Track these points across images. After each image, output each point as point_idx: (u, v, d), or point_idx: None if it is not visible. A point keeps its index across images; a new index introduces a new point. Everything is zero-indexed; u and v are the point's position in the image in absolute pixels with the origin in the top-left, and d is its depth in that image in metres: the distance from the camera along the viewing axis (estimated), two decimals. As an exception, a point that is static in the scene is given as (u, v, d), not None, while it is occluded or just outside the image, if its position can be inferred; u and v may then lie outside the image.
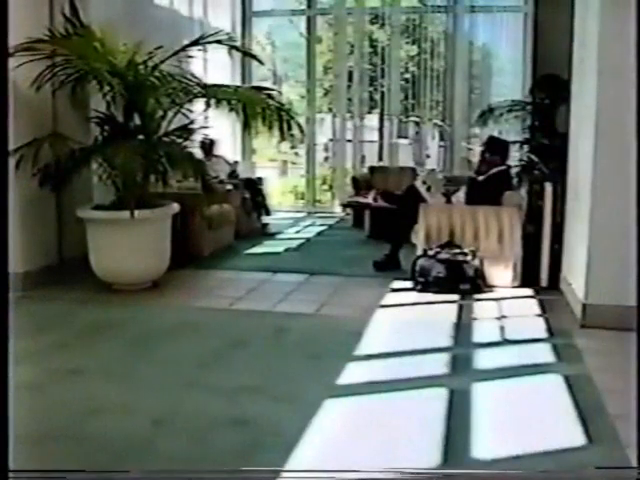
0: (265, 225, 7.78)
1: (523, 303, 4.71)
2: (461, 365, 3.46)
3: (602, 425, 2.73)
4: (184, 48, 5.39)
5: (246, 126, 5.28)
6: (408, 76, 10.04)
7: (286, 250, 6.73)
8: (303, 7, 9.81)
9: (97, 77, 4.92)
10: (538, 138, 7.06)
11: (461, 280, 4.87)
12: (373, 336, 3.92)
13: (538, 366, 3.43)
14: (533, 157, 6.79)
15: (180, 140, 5.25)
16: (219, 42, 5.41)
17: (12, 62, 4.13)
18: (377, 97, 10.40)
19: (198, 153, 6.80)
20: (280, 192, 10.40)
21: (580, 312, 4.09)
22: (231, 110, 5.17)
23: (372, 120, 10.53)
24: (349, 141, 9.70)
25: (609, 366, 3.30)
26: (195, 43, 5.37)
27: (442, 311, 4.48)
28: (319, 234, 7.82)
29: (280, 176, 11.44)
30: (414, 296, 4.83)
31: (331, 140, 10.13)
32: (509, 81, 9.37)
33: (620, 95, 3.67)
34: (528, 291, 4.94)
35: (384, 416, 2.85)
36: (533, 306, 4.63)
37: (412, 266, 5.03)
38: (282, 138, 5.42)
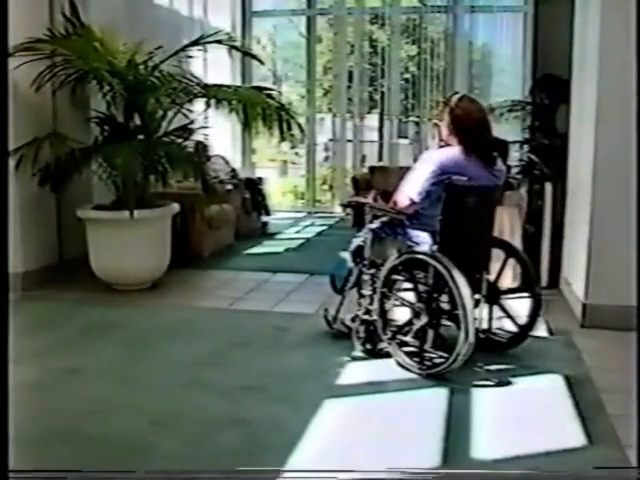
0: (265, 225, 7.78)
1: (523, 303, 4.69)
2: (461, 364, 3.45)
3: (602, 425, 2.72)
4: (184, 48, 5.39)
5: (246, 126, 5.28)
6: (408, 76, 10.04)
7: (286, 250, 6.73)
8: (303, 7, 9.81)
9: (97, 77, 4.92)
10: (538, 138, 7.04)
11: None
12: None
13: (538, 366, 3.42)
14: (533, 157, 6.78)
15: (180, 140, 5.26)
16: (219, 42, 5.42)
17: (12, 62, 4.13)
18: (377, 97, 10.40)
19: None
20: (280, 192, 10.39)
21: (580, 312, 4.09)
22: (231, 110, 5.17)
23: (372, 120, 10.53)
24: (349, 141, 9.70)
25: (609, 366, 3.30)
26: (195, 43, 5.37)
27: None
28: (319, 234, 7.82)
29: (280, 176, 11.44)
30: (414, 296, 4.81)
31: (331, 140, 10.14)
32: (509, 81, 9.36)
33: (620, 95, 3.67)
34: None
35: (384, 416, 2.85)
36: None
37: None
38: (282, 138, 5.41)
